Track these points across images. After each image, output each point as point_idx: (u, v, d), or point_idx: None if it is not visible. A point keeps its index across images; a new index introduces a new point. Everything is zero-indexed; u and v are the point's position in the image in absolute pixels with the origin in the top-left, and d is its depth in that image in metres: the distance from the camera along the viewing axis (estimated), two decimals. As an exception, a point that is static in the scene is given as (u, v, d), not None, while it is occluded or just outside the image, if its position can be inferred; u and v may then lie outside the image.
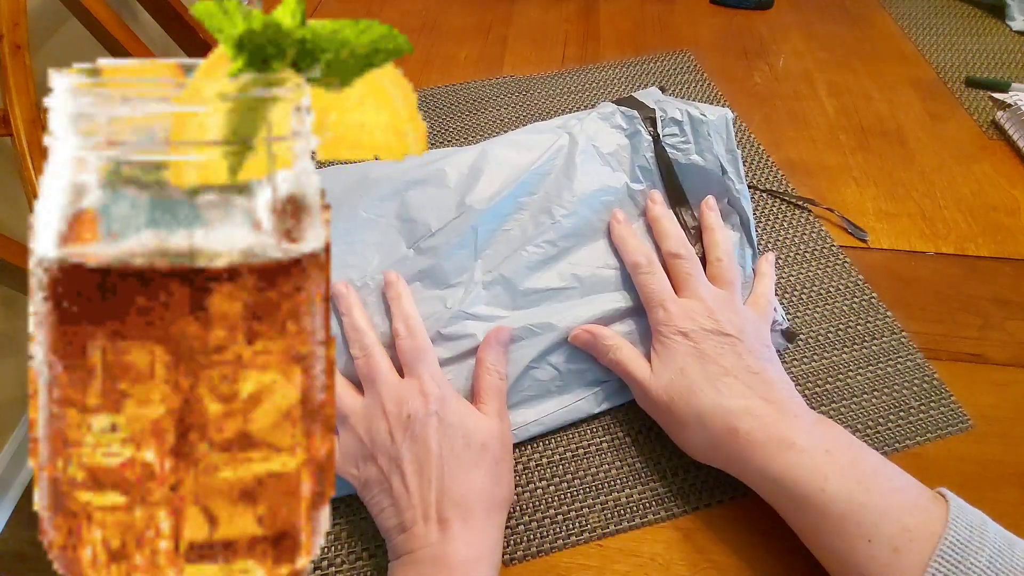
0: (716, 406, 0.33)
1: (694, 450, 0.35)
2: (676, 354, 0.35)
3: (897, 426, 0.38)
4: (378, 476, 0.32)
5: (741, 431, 0.31)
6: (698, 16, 0.75)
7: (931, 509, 0.28)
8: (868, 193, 0.53)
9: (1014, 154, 0.56)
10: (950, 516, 0.27)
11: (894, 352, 0.42)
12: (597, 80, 0.65)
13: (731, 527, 0.35)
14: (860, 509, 0.28)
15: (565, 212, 0.43)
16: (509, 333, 0.38)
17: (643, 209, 0.44)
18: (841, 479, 0.29)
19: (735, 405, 0.32)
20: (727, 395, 0.33)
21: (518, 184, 0.44)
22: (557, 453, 0.38)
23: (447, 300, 0.41)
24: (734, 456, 0.32)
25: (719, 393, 0.33)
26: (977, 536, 0.27)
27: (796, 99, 0.62)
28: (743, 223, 0.44)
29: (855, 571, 0.28)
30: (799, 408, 0.33)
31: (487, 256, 0.43)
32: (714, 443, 0.33)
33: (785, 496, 0.30)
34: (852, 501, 0.28)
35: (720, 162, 0.44)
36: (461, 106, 0.63)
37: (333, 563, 0.35)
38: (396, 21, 0.76)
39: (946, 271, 0.47)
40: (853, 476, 0.29)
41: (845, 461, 0.30)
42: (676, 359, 0.35)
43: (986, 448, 0.38)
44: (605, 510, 0.36)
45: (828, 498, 0.29)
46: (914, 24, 0.71)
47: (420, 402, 0.33)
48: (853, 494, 0.29)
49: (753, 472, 0.32)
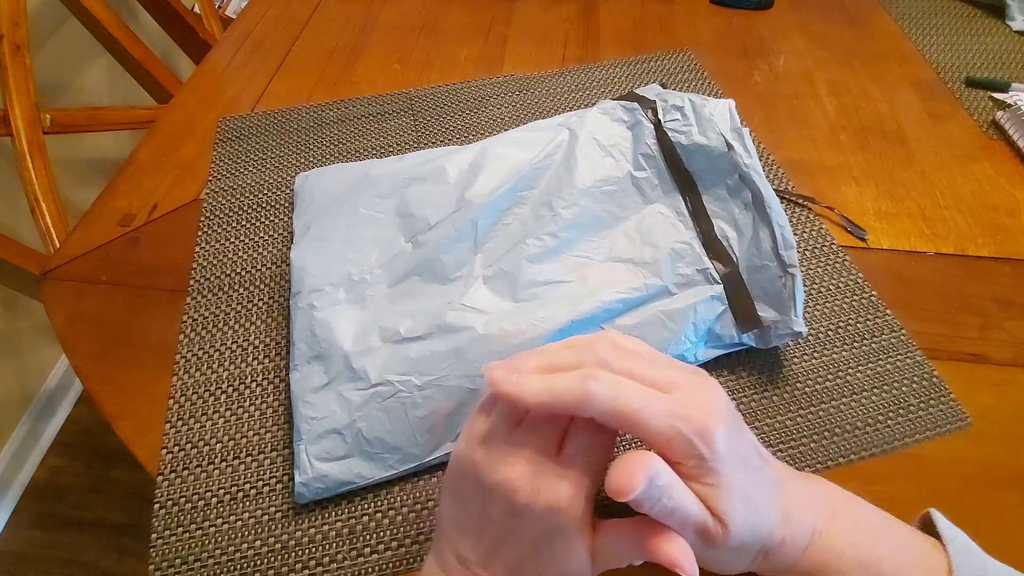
0: (773, 525, 0.27)
1: (731, 572, 0.29)
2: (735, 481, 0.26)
3: (896, 423, 0.39)
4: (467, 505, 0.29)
5: (788, 539, 0.28)
6: (698, 16, 0.75)
7: (934, 565, 0.27)
8: (868, 193, 0.53)
9: (1014, 154, 0.56)
10: (952, 566, 0.27)
11: (893, 350, 0.42)
12: (597, 79, 0.65)
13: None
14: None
15: (565, 204, 0.43)
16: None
17: (649, 195, 0.43)
18: (853, 551, 0.28)
19: (781, 514, 0.28)
20: (774, 503, 0.28)
21: (518, 179, 0.44)
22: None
23: (447, 295, 0.41)
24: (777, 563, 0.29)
25: (769, 505, 0.28)
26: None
27: (796, 99, 0.63)
28: (755, 200, 0.41)
29: None
30: (791, 473, 0.31)
31: (487, 250, 0.43)
32: (758, 561, 0.29)
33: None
34: (866, 574, 0.27)
35: (725, 139, 0.42)
36: (461, 105, 0.63)
37: (335, 559, 0.35)
38: (396, 21, 0.76)
39: (946, 271, 0.47)
40: (862, 544, 0.28)
41: (850, 523, 0.29)
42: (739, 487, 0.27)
43: (986, 449, 0.38)
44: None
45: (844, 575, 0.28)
46: (914, 24, 0.71)
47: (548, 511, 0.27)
48: (866, 567, 0.28)
49: (787, 569, 0.29)
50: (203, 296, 0.48)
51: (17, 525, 1.17)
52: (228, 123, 0.63)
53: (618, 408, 0.26)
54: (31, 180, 0.82)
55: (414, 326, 0.39)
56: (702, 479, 0.26)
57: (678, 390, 0.27)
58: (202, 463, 0.39)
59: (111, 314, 0.47)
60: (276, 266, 0.49)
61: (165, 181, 0.58)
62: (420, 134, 0.60)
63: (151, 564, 0.35)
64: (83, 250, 0.52)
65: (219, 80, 0.69)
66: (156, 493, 0.38)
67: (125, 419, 0.41)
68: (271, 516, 0.36)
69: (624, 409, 0.26)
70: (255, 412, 0.41)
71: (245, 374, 0.43)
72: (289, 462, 0.38)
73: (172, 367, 0.43)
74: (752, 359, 0.42)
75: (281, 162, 0.58)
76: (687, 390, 0.27)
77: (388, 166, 0.50)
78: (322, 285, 0.43)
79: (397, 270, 0.43)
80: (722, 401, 0.28)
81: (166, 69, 1.08)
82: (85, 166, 1.30)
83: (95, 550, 1.13)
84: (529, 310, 0.39)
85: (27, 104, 0.85)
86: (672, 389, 0.27)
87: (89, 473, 1.23)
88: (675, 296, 0.40)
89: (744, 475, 0.27)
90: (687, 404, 0.26)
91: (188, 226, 0.53)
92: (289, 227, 0.52)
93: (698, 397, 0.27)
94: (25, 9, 0.89)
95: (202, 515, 0.37)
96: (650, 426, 0.26)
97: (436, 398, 0.37)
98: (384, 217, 0.46)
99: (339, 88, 0.67)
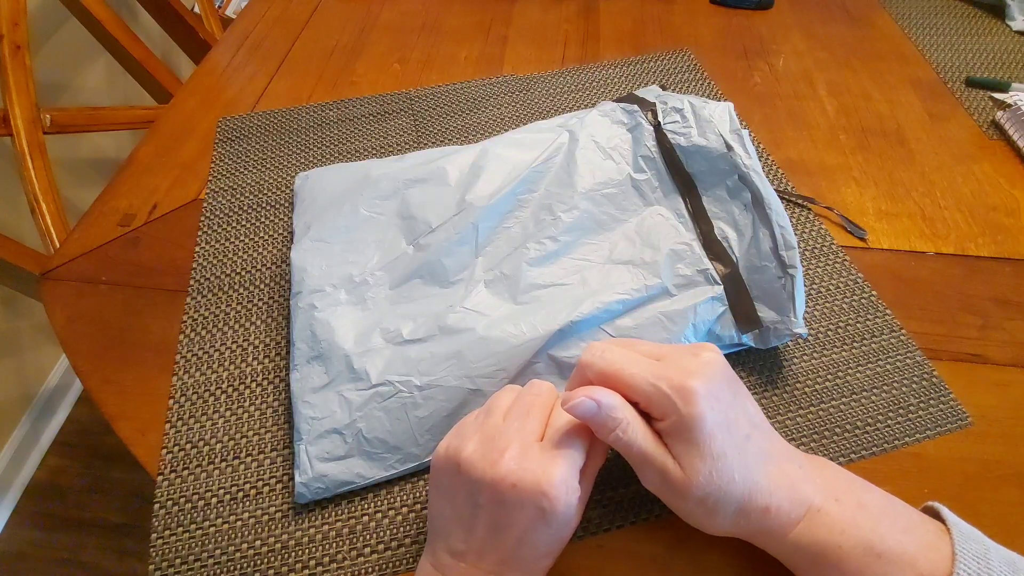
0: (754, 487, 0.28)
1: (719, 531, 0.30)
2: (707, 437, 0.28)
3: (896, 423, 0.39)
4: (456, 498, 0.30)
5: (772, 507, 0.29)
6: (698, 16, 0.75)
7: (938, 546, 0.27)
8: (868, 193, 0.53)
9: (1014, 154, 0.56)
10: (956, 550, 0.27)
11: (893, 350, 0.42)
12: (597, 79, 0.65)
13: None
14: (876, 561, 0.27)
15: (565, 208, 0.43)
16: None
17: (649, 197, 0.43)
18: (855, 529, 0.28)
19: (765, 483, 0.29)
20: (756, 467, 0.29)
21: (519, 182, 0.44)
22: (557, 452, 0.38)
23: (448, 297, 0.41)
24: (762, 530, 0.29)
25: (749, 469, 0.28)
26: (984, 568, 0.26)
27: (796, 99, 0.63)
28: (755, 201, 0.42)
29: None
30: (792, 451, 0.31)
31: (488, 254, 0.43)
32: (747, 524, 0.29)
33: (804, 558, 0.29)
34: (868, 552, 0.28)
35: (724, 140, 0.43)
36: (461, 106, 0.63)
37: (335, 559, 0.35)
38: (396, 21, 0.76)
39: (946, 271, 0.47)
40: (865, 524, 0.28)
41: (853, 506, 0.29)
42: (710, 443, 0.28)
43: (986, 448, 0.38)
44: (604, 508, 0.36)
45: (845, 553, 0.28)
46: (914, 24, 0.71)
47: (538, 493, 0.28)
48: (869, 544, 0.28)
49: (776, 541, 0.30)
50: (203, 296, 0.48)
51: (17, 525, 1.17)
52: (228, 123, 0.63)
53: (604, 368, 0.30)
54: (31, 180, 0.82)
55: (416, 328, 0.39)
56: (678, 434, 0.28)
57: (667, 358, 0.30)
58: (202, 463, 0.39)
59: (111, 314, 0.47)
60: (276, 266, 0.49)
61: (165, 181, 0.58)
62: (420, 134, 0.60)
63: (151, 564, 0.35)
64: (83, 250, 0.52)
65: (219, 80, 0.69)
66: (156, 493, 0.38)
67: (125, 419, 0.41)
68: (271, 516, 0.36)
69: (609, 368, 0.29)
70: (255, 412, 0.41)
71: (245, 374, 0.43)
72: (289, 462, 0.38)
73: (172, 367, 0.43)
74: (752, 359, 0.42)
75: (281, 162, 0.58)
76: (676, 355, 0.30)
77: (388, 166, 0.50)
78: (323, 286, 0.43)
79: (398, 272, 0.43)
80: (712, 367, 0.29)
81: (166, 69, 1.08)
82: (85, 166, 1.30)
83: (95, 550, 1.13)
84: (529, 312, 0.39)
85: (27, 104, 0.85)
86: (662, 357, 0.30)
87: (89, 473, 1.23)
88: (675, 297, 0.40)
89: (724, 436, 0.28)
90: (670, 367, 0.29)
91: (188, 226, 0.53)
92: (289, 227, 0.52)
93: (684, 361, 0.29)
94: (25, 9, 0.89)
95: (202, 515, 0.37)
96: (633, 382, 0.29)
97: (437, 398, 0.37)
98: (385, 219, 0.46)
99: (339, 88, 0.67)
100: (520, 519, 0.28)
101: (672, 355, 0.30)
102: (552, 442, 0.30)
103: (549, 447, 0.29)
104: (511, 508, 0.28)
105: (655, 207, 0.44)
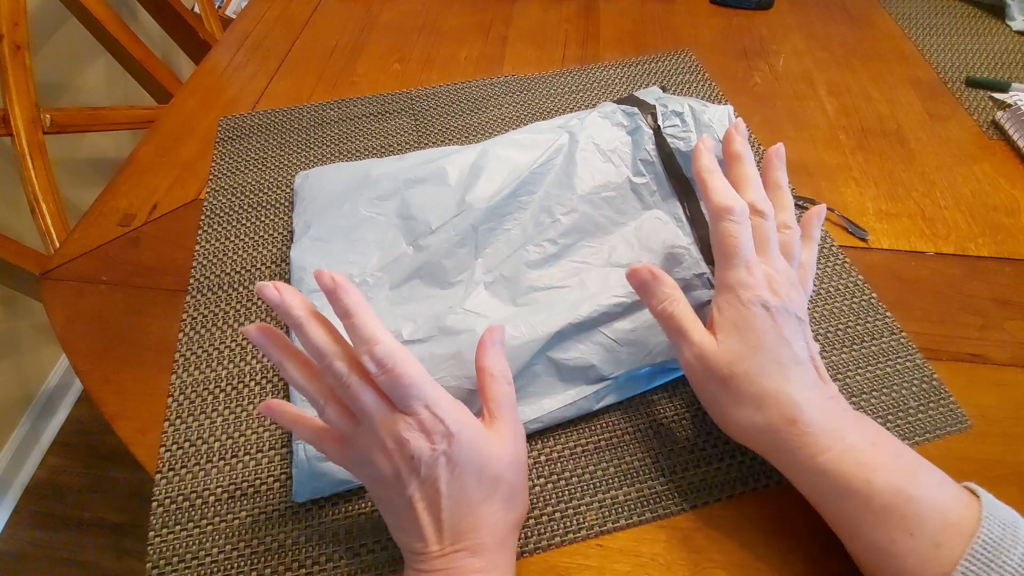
0: (782, 393, 0.31)
1: (738, 430, 0.33)
2: (753, 327, 0.31)
3: (896, 426, 0.38)
4: (388, 498, 0.31)
5: (800, 422, 0.30)
6: (698, 16, 0.75)
7: (970, 504, 0.28)
8: (868, 193, 0.53)
9: (1014, 154, 0.56)
10: (983, 513, 0.27)
11: (893, 352, 0.42)
12: (597, 80, 0.65)
13: (731, 526, 0.35)
14: (906, 502, 0.28)
15: (565, 210, 0.43)
16: (503, 331, 0.36)
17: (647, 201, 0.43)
18: (888, 472, 0.29)
19: (801, 397, 0.30)
20: (795, 384, 0.31)
21: (518, 183, 0.44)
22: (555, 451, 0.38)
23: (448, 299, 0.41)
24: (783, 445, 0.31)
25: (787, 380, 0.31)
26: (1010, 534, 0.26)
27: (796, 99, 0.62)
28: None
29: (891, 564, 0.28)
30: (844, 403, 0.32)
31: (487, 255, 0.43)
32: (767, 428, 0.31)
33: (828, 487, 0.30)
34: (899, 494, 0.28)
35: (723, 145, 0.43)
36: (461, 106, 0.63)
37: (332, 559, 0.35)
38: (396, 21, 0.76)
39: (946, 271, 0.47)
40: (900, 469, 0.29)
41: (890, 454, 0.30)
42: (752, 333, 0.31)
43: (986, 448, 0.38)
44: (604, 508, 0.36)
45: (874, 490, 0.28)
46: (914, 24, 0.71)
47: (423, 442, 0.29)
48: (900, 487, 0.28)
49: (800, 463, 0.30)
50: (203, 296, 0.48)
51: (17, 525, 1.17)
52: (228, 123, 0.63)
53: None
54: (31, 180, 0.82)
55: (416, 329, 0.39)
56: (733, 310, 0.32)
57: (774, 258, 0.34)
58: (200, 461, 0.39)
59: (111, 314, 0.47)
60: (276, 266, 0.49)
61: (165, 181, 0.58)
62: (420, 134, 0.60)
63: (148, 562, 0.35)
64: (83, 250, 0.52)
65: (219, 80, 0.69)
66: (154, 491, 0.38)
67: (124, 419, 0.41)
68: (269, 515, 0.36)
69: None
70: (254, 411, 0.41)
71: (244, 373, 0.43)
72: (287, 461, 0.38)
73: (171, 366, 0.43)
74: (751, 359, 0.42)
75: (281, 162, 0.58)
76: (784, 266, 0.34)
77: (388, 166, 0.50)
78: (322, 285, 0.43)
79: (399, 273, 0.43)
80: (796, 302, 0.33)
81: (166, 69, 1.08)
82: (85, 166, 1.30)
83: (95, 550, 1.13)
84: (528, 314, 0.39)
85: (27, 104, 0.85)
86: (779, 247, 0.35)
87: (88, 473, 1.23)
88: None
89: (773, 343, 0.31)
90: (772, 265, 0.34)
91: (188, 226, 0.53)
92: (289, 227, 0.52)
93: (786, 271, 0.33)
94: (25, 9, 0.89)
95: (200, 513, 0.37)
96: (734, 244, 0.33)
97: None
98: (385, 219, 0.46)
99: (339, 88, 0.67)
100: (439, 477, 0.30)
101: (792, 255, 0.35)
102: (403, 406, 0.30)
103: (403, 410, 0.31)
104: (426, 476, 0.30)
105: (653, 211, 0.44)
